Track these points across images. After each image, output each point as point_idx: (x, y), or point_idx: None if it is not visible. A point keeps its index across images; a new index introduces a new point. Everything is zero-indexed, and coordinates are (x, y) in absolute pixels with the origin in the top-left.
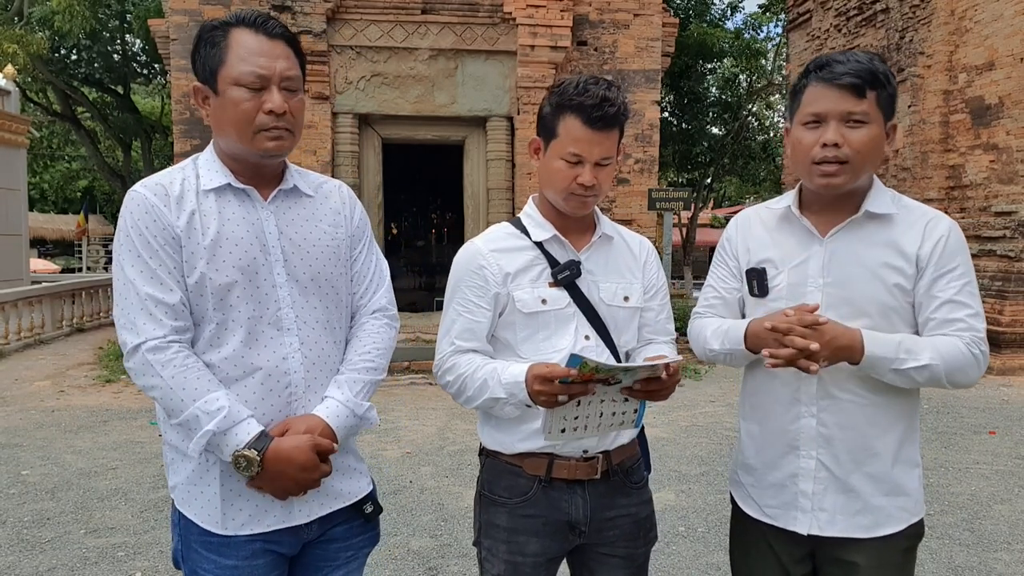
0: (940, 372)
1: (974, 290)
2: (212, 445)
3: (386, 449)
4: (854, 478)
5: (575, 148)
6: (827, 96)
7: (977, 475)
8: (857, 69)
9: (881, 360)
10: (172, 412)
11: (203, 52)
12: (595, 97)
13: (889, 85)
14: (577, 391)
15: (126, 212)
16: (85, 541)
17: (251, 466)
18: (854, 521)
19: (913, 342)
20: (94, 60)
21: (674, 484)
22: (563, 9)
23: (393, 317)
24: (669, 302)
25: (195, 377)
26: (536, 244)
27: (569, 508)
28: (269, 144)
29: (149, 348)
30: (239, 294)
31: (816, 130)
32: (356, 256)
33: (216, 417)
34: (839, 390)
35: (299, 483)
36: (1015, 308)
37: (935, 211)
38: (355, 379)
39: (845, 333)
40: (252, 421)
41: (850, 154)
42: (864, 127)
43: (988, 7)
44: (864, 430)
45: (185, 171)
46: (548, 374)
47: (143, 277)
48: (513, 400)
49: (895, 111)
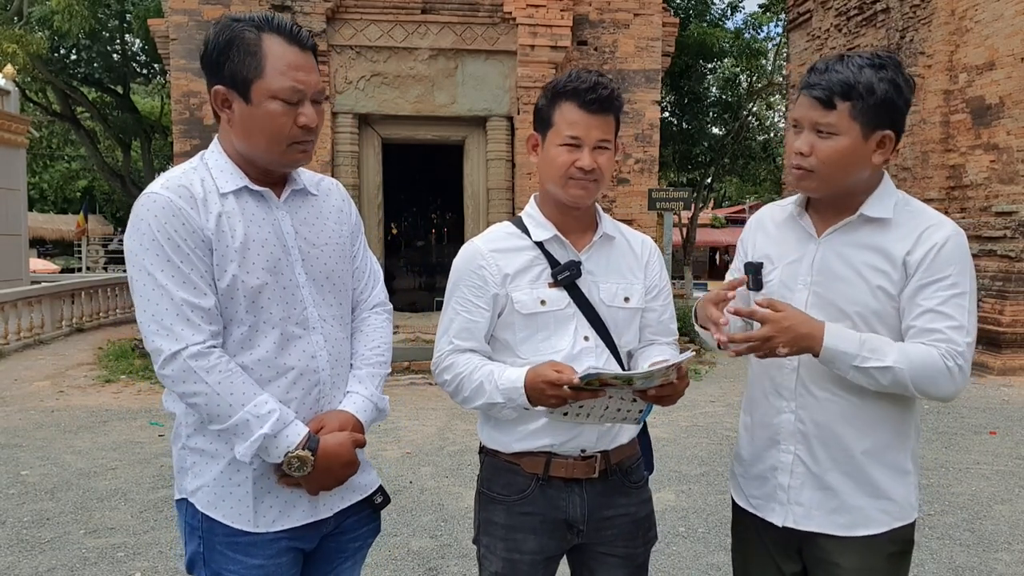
0: (905, 377)
1: (964, 303)
2: (262, 448)
3: (386, 449)
4: (831, 476)
5: (572, 131)
6: (803, 104)
7: (978, 475)
8: (830, 81)
9: (842, 355)
10: (217, 418)
11: (234, 56)
12: (588, 82)
13: (870, 95)
14: (587, 396)
15: (149, 215)
16: (85, 541)
17: (304, 466)
18: (831, 519)
19: (880, 342)
20: (94, 60)
21: (674, 484)
22: (563, 9)
23: (390, 311)
24: (672, 302)
25: (240, 381)
26: (536, 244)
27: (566, 507)
28: (299, 156)
29: (191, 355)
30: (269, 295)
31: (796, 134)
32: (356, 252)
33: (269, 420)
34: (817, 387)
35: (338, 479)
36: (1015, 308)
37: (941, 218)
38: (372, 373)
39: (807, 322)
40: (299, 422)
41: (815, 164)
42: (832, 139)
43: (988, 7)
44: (840, 430)
45: (199, 172)
46: (558, 380)
47: (175, 282)
48: (511, 404)
49: (893, 119)
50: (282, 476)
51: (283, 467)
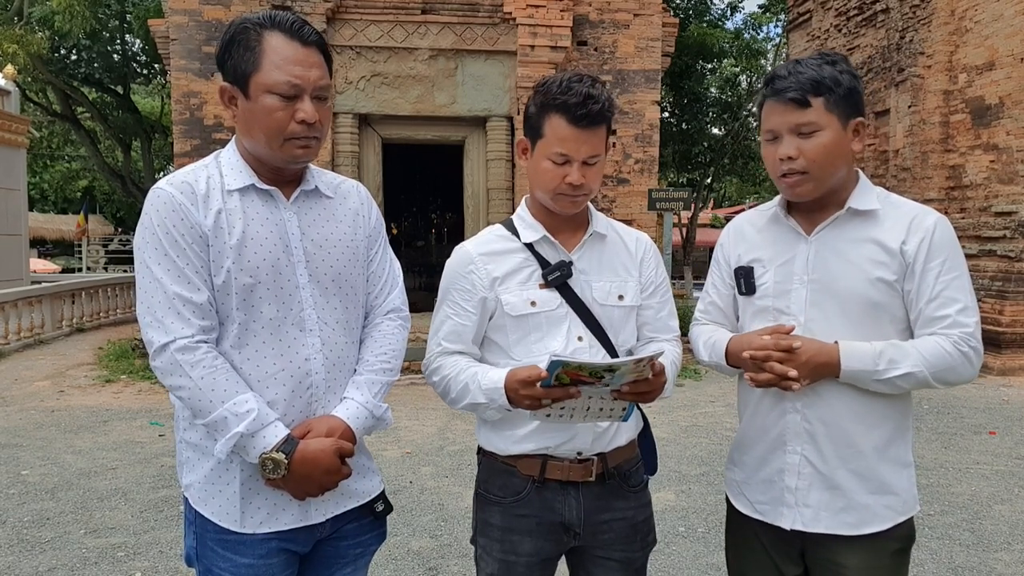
0: (926, 376)
1: (964, 284)
2: (239, 447)
3: (386, 449)
4: (839, 475)
5: (561, 148)
6: (775, 111)
7: (977, 475)
8: (798, 81)
9: (860, 373)
10: (199, 413)
11: (235, 53)
12: (579, 95)
13: (838, 88)
14: (559, 395)
15: (151, 210)
16: (85, 541)
17: (278, 468)
18: (838, 518)
19: (894, 350)
20: (94, 60)
21: (674, 484)
22: (563, 9)
23: (406, 318)
24: (671, 299)
25: (224, 378)
26: (526, 246)
27: (563, 509)
28: (298, 152)
29: (178, 348)
30: (262, 294)
31: (775, 144)
32: (372, 256)
33: (246, 420)
34: (823, 386)
35: (321, 485)
36: (1015, 308)
37: (922, 207)
38: (373, 380)
39: (821, 351)
40: (279, 424)
41: (807, 164)
42: (816, 135)
43: (988, 7)
44: (848, 426)
45: (208, 169)
46: (528, 378)
47: (170, 276)
48: (493, 405)
49: (860, 107)
50: (268, 479)
51: (259, 468)
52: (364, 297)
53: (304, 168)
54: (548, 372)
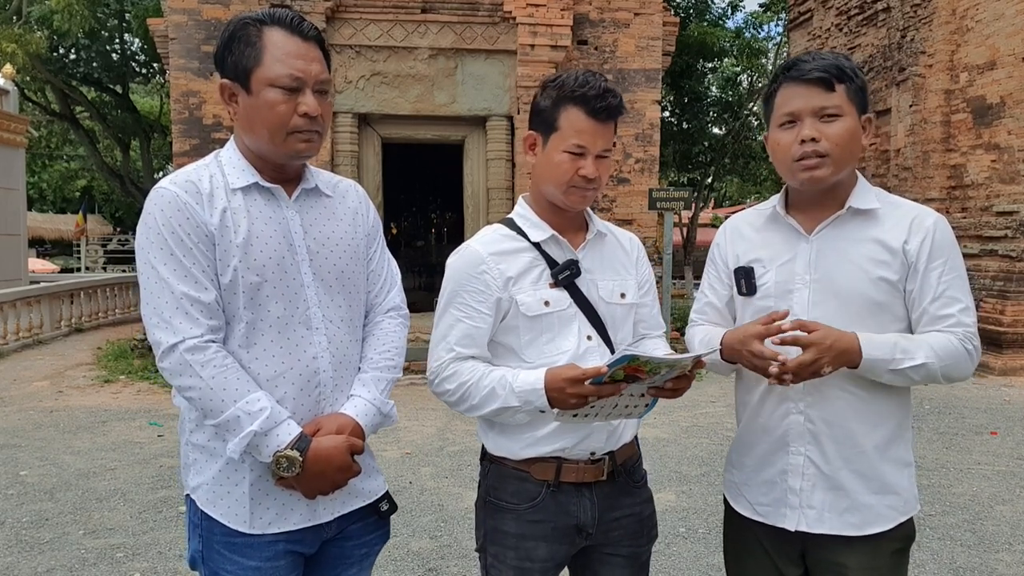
0: (936, 369)
1: (963, 284)
2: (252, 446)
3: (386, 449)
4: (842, 475)
5: (579, 140)
6: (798, 94)
7: (978, 476)
8: (823, 64)
9: (879, 362)
10: (210, 413)
11: (236, 49)
12: (597, 88)
13: (857, 78)
14: (608, 391)
15: (155, 210)
16: (84, 542)
17: (292, 466)
18: (842, 519)
19: (908, 341)
20: (93, 59)
21: (674, 485)
22: (563, 8)
23: (406, 316)
24: (658, 296)
25: (235, 378)
26: (534, 245)
27: (578, 511)
28: (300, 146)
29: (188, 348)
30: (269, 293)
31: (792, 129)
32: (371, 255)
33: (259, 418)
34: (826, 385)
35: (334, 482)
36: (1016, 308)
37: (920, 206)
38: (379, 377)
39: (843, 337)
40: (292, 422)
41: (828, 147)
42: (838, 120)
43: (989, 6)
44: (851, 426)
45: (210, 168)
46: (577, 376)
47: (177, 276)
48: (527, 407)
49: (868, 105)
50: (278, 478)
51: (272, 466)
52: (365, 295)
53: (303, 166)
54: (609, 367)
